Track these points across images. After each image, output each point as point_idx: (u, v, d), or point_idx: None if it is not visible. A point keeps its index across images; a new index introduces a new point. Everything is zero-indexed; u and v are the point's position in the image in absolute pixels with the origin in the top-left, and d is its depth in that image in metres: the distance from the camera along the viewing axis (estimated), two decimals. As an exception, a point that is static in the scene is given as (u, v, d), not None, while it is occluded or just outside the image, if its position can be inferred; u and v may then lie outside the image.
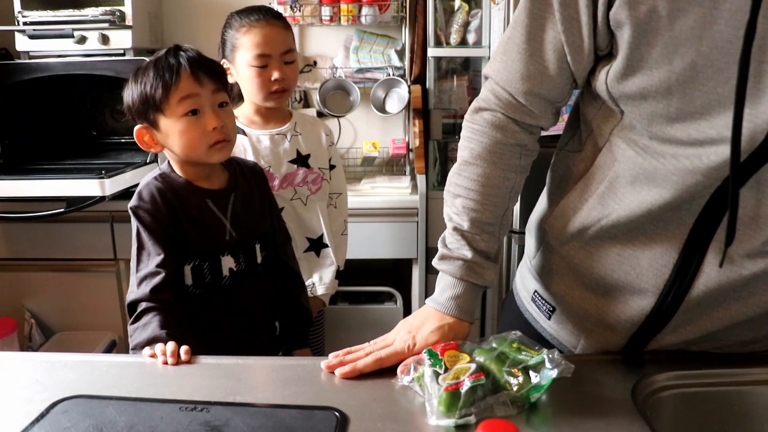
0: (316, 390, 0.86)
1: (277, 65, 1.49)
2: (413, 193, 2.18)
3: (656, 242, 0.82)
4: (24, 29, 2.18)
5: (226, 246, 1.22)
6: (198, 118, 1.14)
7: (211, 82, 1.15)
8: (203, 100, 1.14)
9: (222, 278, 1.22)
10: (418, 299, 2.21)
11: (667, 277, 0.83)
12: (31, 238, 2.23)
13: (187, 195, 1.19)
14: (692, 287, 0.82)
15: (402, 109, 2.39)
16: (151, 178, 1.20)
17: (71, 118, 2.47)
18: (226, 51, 1.54)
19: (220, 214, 1.21)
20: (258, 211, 1.30)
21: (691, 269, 0.81)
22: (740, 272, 0.79)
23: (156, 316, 1.06)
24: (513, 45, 0.85)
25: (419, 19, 2.30)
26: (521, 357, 0.82)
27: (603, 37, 0.79)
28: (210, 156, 1.17)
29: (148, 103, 1.14)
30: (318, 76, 2.49)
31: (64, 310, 2.33)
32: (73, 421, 0.78)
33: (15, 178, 2.12)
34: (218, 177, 1.24)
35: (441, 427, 0.76)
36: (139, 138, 1.20)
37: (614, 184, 0.84)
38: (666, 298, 0.84)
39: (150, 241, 1.14)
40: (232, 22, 1.52)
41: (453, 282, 0.91)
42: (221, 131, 1.16)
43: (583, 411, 0.80)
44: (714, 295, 0.81)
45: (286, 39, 1.52)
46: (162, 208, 1.15)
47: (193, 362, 0.95)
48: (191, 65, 1.14)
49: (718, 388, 0.90)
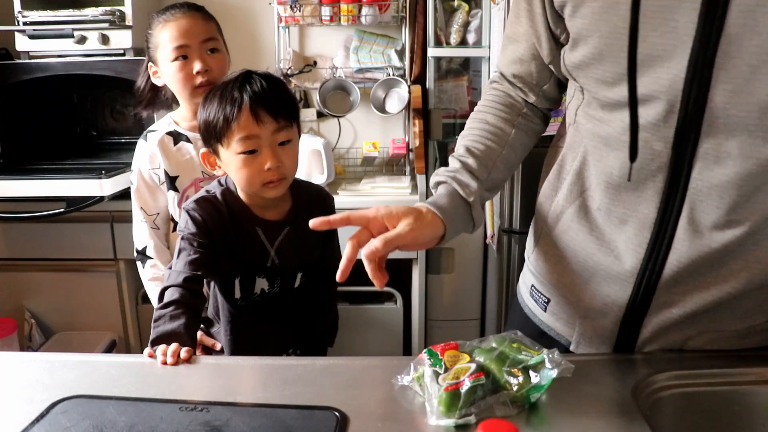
0: (316, 390, 0.86)
1: (198, 55, 1.40)
2: (413, 193, 2.18)
3: (629, 223, 0.87)
4: (24, 29, 2.18)
5: (265, 271, 1.23)
6: (255, 156, 1.13)
7: (273, 121, 1.13)
8: (262, 141, 1.13)
9: (252, 294, 1.24)
10: (418, 299, 2.21)
11: (643, 257, 0.86)
12: (31, 238, 2.23)
13: (241, 217, 1.20)
14: (666, 264, 0.85)
15: (402, 109, 2.39)
16: (213, 191, 1.21)
17: (71, 118, 2.47)
18: (150, 53, 1.48)
19: (268, 243, 1.22)
20: (311, 242, 1.28)
21: (663, 247, 0.84)
22: (710, 245, 0.82)
23: (184, 314, 1.06)
24: (504, 35, 1.03)
25: (419, 19, 2.30)
26: (521, 357, 0.82)
27: (555, 23, 0.91)
28: (264, 192, 1.16)
29: (210, 132, 1.16)
30: (318, 76, 2.49)
31: (64, 310, 2.33)
32: (73, 421, 0.78)
33: (15, 178, 2.12)
34: (279, 207, 1.23)
35: (441, 427, 0.76)
36: (204, 159, 1.23)
37: (586, 159, 0.92)
38: (643, 278, 0.87)
39: (194, 239, 1.15)
40: (153, 22, 1.46)
41: (439, 189, 0.97)
42: (276, 171, 1.14)
43: (583, 411, 0.80)
44: (689, 271, 0.84)
45: (207, 28, 1.44)
46: (213, 219, 1.17)
47: (193, 362, 0.95)
48: (253, 102, 1.11)
49: (718, 388, 0.90)
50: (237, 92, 1.12)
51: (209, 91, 1.18)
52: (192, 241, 1.15)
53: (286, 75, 2.43)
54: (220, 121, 1.12)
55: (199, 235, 1.16)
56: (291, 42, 2.53)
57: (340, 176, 2.44)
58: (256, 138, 1.12)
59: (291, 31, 2.53)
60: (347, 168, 2.55)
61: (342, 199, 2.16)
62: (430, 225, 0.90)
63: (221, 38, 1.49)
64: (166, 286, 1.11)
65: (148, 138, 1.49)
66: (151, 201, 1.50)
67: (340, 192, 2.20)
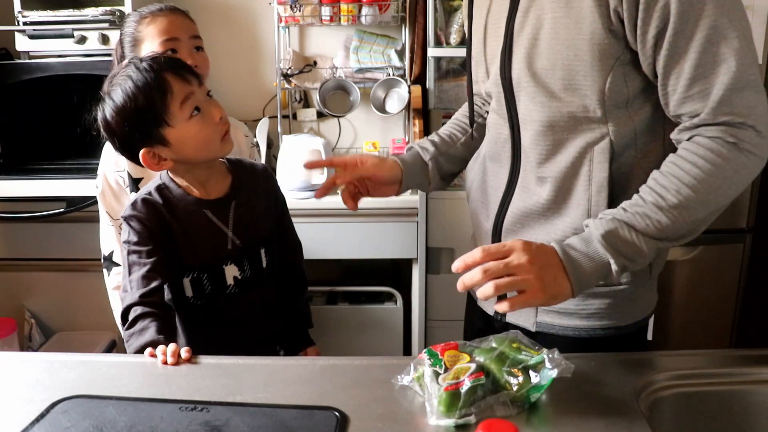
0: (316, 390, 0.86)
1: (188, 51, 1.39)
2: (413, 193, 2.18)
3: (492, 185, 1.14)
4: (24, 29, 2.18)
5: (230, 255, 1.20)
6: (202, 115, 1.12)
7: (191, 75, 1.13)
8: (198, 97, 1.12)
9: (226, 287, 1.20)
10: (418, 299, 2.21)
11: (496, 212, 1.11)
12: (31, 238, 2.23)
13: (185, 207, 1.16)
14: (507, 213, 1.09)
15: (402, 109, 2.39)
16: (148, 190, 1.18)
17: (71, 118, 2.46)
18: (126, 49, 1.44)
19: (221, 224, 1.19)
20: (262, 214, 1.27)
21: (507, 201, 1.09)
22: (532, 198, 1.05)
23: (152, 322, 1.05)
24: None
25: (419, 19, 2.30)
26: (521, 357, 0.82)
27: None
28: (224, 148, 1.15)
29: (148, 122, 1.09)
30: (318, 76, 2.49)
31: (64, 310, 2.33)
32: (73, 421, 0.78)
33: (15, 178, 2.12)
34: (220, 181, 1.21)
35: (441, 427, 0.76)
36: (147, 162, 1.13)
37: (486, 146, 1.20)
38: (496, 225, 1.11)
39: (141, 249, 1.12)
40: (130, 20, 1.43)
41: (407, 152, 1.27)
42: (225, 120, 1.14)
43: (583, 411, 0.80)
44: (520, 219, 1.07)
45: (193, 26, 1.44)
46: (154, 219, 1.14)
47: (193, 362, 0.95)
48: (170, 68, 1.10)
49: (718, 388, 0.90)
50: (149, 72, 1.09)
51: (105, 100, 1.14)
52: (139, 253, 1.12)
53: (286, 75, 2.43)
54: (156, 102, 1.08)
55: (143, 243, 1.12)
56: (291, 42, 2.53)
57: (340, 176, 2.44)
58: (193, 96, 1.10)
59: (291, 31, 2.53)
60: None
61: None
62: (390, 168, 1.21)
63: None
64: (126, 307, 1.09)
65: None
66: (116, 205, 1.46)
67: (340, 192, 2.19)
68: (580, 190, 1.00)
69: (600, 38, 0.93)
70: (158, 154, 1.13)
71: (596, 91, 0.96)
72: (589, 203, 0.99)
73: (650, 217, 0.90)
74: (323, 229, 2.14)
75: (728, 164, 0.89)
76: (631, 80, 0.96)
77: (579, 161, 1.00)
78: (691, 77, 0.89)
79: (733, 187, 0.91)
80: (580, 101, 0.97)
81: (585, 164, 1.00)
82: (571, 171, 1.01)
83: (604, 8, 0.92)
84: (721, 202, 0.91)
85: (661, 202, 0.90)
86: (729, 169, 0.89)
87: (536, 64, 1.00)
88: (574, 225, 1.01)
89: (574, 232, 0.98)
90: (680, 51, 0.89)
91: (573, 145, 1.00)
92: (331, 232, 2.14)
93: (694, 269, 2.10)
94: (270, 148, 2.42)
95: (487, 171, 1.16)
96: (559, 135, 1.01)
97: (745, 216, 2.08)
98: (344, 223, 2.12)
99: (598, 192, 0.99)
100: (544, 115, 1.01)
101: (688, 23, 0.87)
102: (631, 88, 0.96)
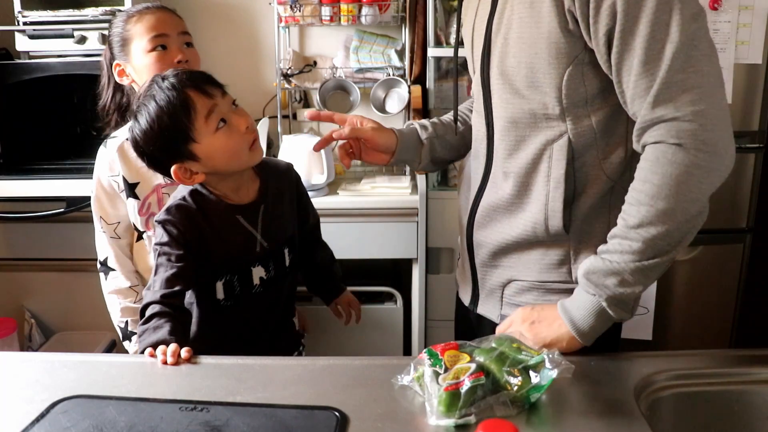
0: (316, 390, 0.86)
1: (177, 47, 1.38)
2: (413, 193, 2.18)
3: (473, 182, 1.18)
4: (24, 29, 2.18)
5: (258, 257, 1.22)
6: (228, 126, 1.12)
7: (214, 87, 1.13)
8: (222, 108, 1.12)
9: (253, 287, 1.22)
10: (418, 299, 2.20)
11: (471, 207, 1.17)
12: (31, 238, 2.23)
13: (218, 213, 1.18)
14: (479, 208, 1.15)
15: (402, 109, 2.39)
16: (182, 195, 1.18)
17: (71, 118, 2.47)
18: (115, 50, 1.43)
19: (251, 227, 1.21)
20: (288, 214, 1.29)
21: (480, 196, 1.15)
22: (498, 192, 1.10)
23: (168, 322, 1.06)
24: None
25: (419, 19, 2.30)
26: (521, 357, 0.82)
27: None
28: (253, 157, 1.16)
29: (175, 140, 1.10)
30: (318, 76, 2.49)
31: (64, 310, 2.32)
32: (73, 421, 0.78)
33: (15, 178, 2.12)
34: (249, 187, 1.22)
35: (441, 427, 0.76)
36: (179, 177, 1.14)
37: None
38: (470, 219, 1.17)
39: (171, 252, 1.13)
40: (117, 20, 1.43)
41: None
42: (252, 128, 1.14)
43: (583, 411, 0.80)
44: (489, 213, 1.13)
45: (181, 22, 1.43)
46: (188, 225, 1.15)
47: (193, 362, 0.95)
48: (192, 83, 1.11)
49: (718, 388, 0.90)
50: (170, 90, 1.09)
51: (134, 124, 1.13)
52: (169, 256, 1.13)
53: (286, 75, 2.43)
54: (180, 120, 1.09)
55: (174, 247, 1.13)
56: (291, 42, 2.53)
57: (340, 176, 2.44)
58: (217, 108, 1.11)
59: (291, 31, 2.53)
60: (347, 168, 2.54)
61: (342, 199, 2.16)
62: (387, 136, 1.25)
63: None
64: (146, 304, 1.10)
65: (108, 144, 1.46)
66: (110, 209, 1.46)
67: (340, 192, 2.19)
68: (539, 185, 1.04)
69: (557, 37, 0.96)
70: (189, 169, 1.14)
71: (554, 89, 0.99)
72: (547, 199, 1.03)
73: (621, 242, 0.92)
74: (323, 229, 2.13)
75: (677, 169, 0.88)
76: (590, 80, 0.98)
77: (539, 158, 1.03)
78: (638, 73, 0.90)
79: (695, 189, 0.89)
80: (540, 99, 1.01)
81: (544, 161, 1.03)
82: (531, 167, 1.05)
83: (560, 8, 0.95)
84: (691, 207, 0.89)
85: (628, 224, 0.92)
86: (681, 173, 0.88)
87: (506, 63, 1.04)
88: (534, 220, 1.05)
89: (533, 227, 1.05)
90: (628, 48, 0.90)
91: (534, 141, 1.04)
92: (331, 232, 2.12)
93: (694, 269, 2.10)
94: (270, 148, 2.42)
95: (471, 168, 1.21)
96: (521, 131, 1.05)
97: (745, 216, 2.08)
98: (344, 223, 2.12)
99: (555, 188, 1.02)
100: (508, 112, 1.06)
101: (632, 20, 0.88)
102: (589, 88, 0.98)
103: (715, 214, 2.05)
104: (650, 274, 0.92)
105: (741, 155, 2.02)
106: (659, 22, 0.87)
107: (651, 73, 0.88)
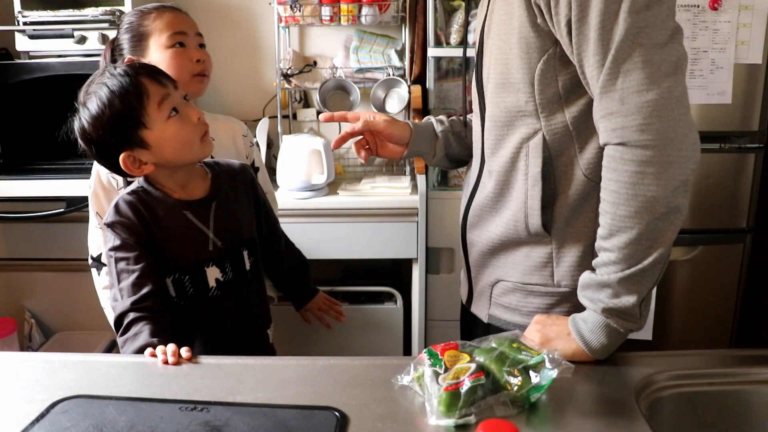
0: (316, 390, 0.86)
1: (194, 46, 1.41)
2: (413, 193, 2.18)
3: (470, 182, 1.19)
4: (24, 29, 2.18)
5: (210, 256, 1.19)
6: (180, 115, 1.12)
7: (167, 79, 1.13)
8: (175, 97, 1.12)
9: (209, 289, 1.19)
10: (419, 299, 2.21)
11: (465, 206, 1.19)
12: (31, 238, 2.23)
13: (164, 208, 1.16)
14: (471, 207, 1.16)
15: (402, 109, 2.39)
16: (126, 193, 1.17)
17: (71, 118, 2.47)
18: (127, 45, 1.43)
19: (202, 224, 1.18)
20: (244, 215, 1.27)
21: (473, 195, 1.16)
22: (484, 191, 1.11)
23: (146, 325, 1.05)
24: None
25: (419, 19, 2.30)
26: (521, 357, 0.82)
27: None
28: (204, 149, 1.15)
29: (126, 126, 1.09)
30: (318, 76, 2.49)
31: (64, 310, 2.32)
32: (73, 421, 0.78)
33: (15, 178, 2.12)
34: (199, 184, 1.21)
35: (441, 427, 0.76)
36: (127, 166, 1.12)
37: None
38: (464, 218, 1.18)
39: (128, 255, 1.11)
40: (134, 16, 1.44)
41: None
42: (203, 121, 1.15)
43: (583, 411, 0.80)
44: (478, 212, 1.14)
45: (195, 24, 1.46)
46: (137, 222, 1.13)
47: (193, 362, 0.95)
48: (145, 72, 1.11)
49: (718, 388, 0.90)
50: (123, 77, 1.09)
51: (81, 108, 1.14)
52: (127, 260, 1.11)
53: (286, 75, 2.43)
54: (133, 105, 1.08)
55: (129, 249, 1.12)
56: (291, 42, 2.53)
57: (340, 176, 2.44)
58: (170, 97, 1.11)
59: (291, 31, 2.53)
60: (347, 168, 2.54)
61: (342, 199, 2.16)
62: (401, 128, 1.23)
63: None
64: (119, 315, 1.08)
65: None
66: (107, 205, 1.42)
67: (340, 192, 2.20)
68: (518, 184, 1.04)
69: (526, 32, 0.96)
70: (138, 158, 1.12)
71: (527, 85, 0.99)
72: (526, 197, 1.03)
73: (602, 254, 0.92)
74: (323, 229, 2.14)
75: (628, 170, 0.85)
76: (562, 75, 0.97)
77: (516, 156, 1.03)
78: (592, 64, 0.88)
79: (653, 187, 0.85)
80: (514, 96, 1.01)
81: (521, 159, 1.03)
82: (510, 165, 1.05)
83: (528, 2, 0.95)
84: (654, 206, 0.85)
85: (601, 234, 0.91)
86: (632, 174, 0.85)
87: (490, 62, 1.05)
88: (515, 218, 1.05)
89: (515, 226, 1.06)
90: (585, 38, 0.88)
91: (511, 140, 1.04)
92: (331, 232, 2.14)
93: (694, 269, 2.10)
94: (270, 148, 2.42)
95: (470, 169, 1.22)
96: (500, 130, 1.06)
97: (745, 216, 2.08)
98: (344, 223, 2.12)
99: (533, 186, 1.02)
100: (489, 111, 1.07)
101: (585, 8, 0.87)
102: (561, 83, 0.97)
103: (715, 214, 2.07)
104: (641, 281, 0.88)
105: (741, 155, 2.02)
106: (608, 11, 0.85)
107: (601, 63, 0.87)
